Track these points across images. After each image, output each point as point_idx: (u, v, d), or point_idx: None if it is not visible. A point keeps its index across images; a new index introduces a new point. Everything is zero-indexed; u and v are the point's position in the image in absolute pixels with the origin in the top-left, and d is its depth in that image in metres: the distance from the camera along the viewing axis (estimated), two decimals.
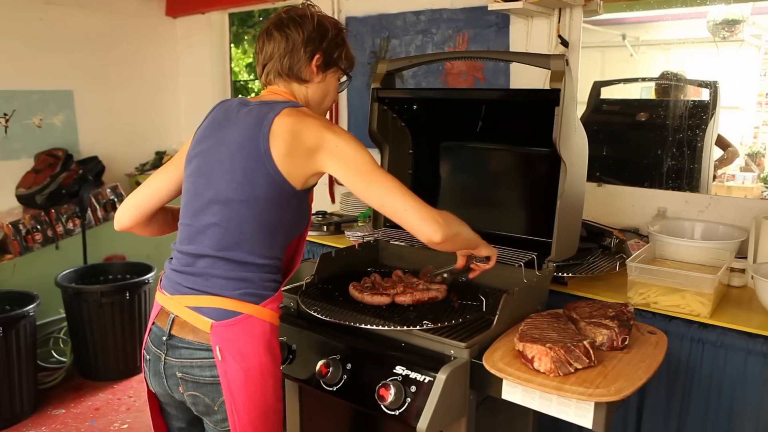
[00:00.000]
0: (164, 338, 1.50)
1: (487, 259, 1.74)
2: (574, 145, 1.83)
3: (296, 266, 1.63)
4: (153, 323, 1.57)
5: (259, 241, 1.47)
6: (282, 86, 1.60)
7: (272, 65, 1.58)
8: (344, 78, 1.69)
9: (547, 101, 1.76)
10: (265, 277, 1.50)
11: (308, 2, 1.63)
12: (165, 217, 1.72)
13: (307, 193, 1.54)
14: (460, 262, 1.76)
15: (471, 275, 1.81)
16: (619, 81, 2.91)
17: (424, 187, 2.35)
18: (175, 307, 1.49)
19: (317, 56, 1.57)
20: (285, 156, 1.43)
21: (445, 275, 1.87)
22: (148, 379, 1.59)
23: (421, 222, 1.47)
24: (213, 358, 1.44)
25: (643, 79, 2.82)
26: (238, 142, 1.46)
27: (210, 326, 1.44)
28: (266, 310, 1.48)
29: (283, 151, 1.43)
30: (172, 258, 1.58)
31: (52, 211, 3.70)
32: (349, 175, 1.47)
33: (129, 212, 1.64)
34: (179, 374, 1.49)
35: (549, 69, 1.77)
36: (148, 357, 1.57)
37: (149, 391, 1.64)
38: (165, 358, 1.51)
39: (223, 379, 1.44)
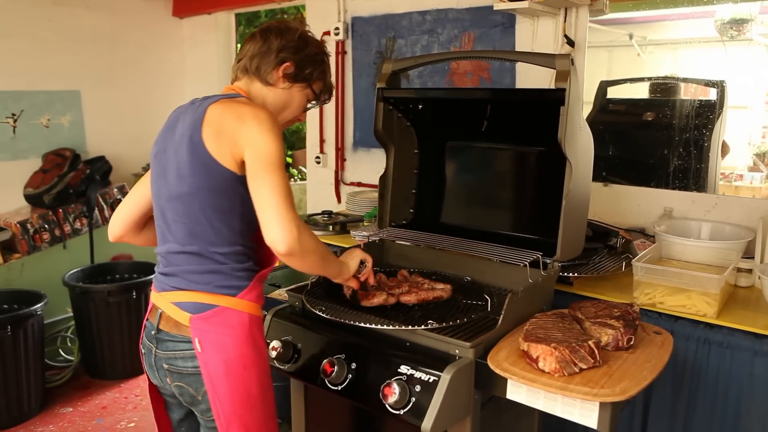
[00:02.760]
0: (153, 332, 1.60)
1: (363, 266, 1.78)
2: (580, 144, 1.83)
3: (267, 253, 1.60)
4: (147, 319, 1.67)
5: (218, 231, 1.50)
6: (242, 83, 1.63)
7: (243, 63, 1.63)
8: (312, 102, 1.71)
9: (553, 101, 1.75)
10: (235, 266, 1.54)
11: (302, 20, 1.67)
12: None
13: None
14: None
15: (361, 278, 1.79)
16: (625, 81, 2.90)
17: (430, 186, 2.36)
18: (162, 303, 1.58)
19: (287, 64, 1.60)
20: (214, 142, 1.46)
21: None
22: (147, 371, 1.68)
23: (275, 225, 1.39)
24: (192, 350, 1.52)
25: (649, 79, 2.81)
26: (181, 136, 1.52)
27: (189, 320, 1.52)
28: (243, 302, 1.53)
29: (212, 138, 1.46)
30: (158, 258, 1.65)
31: (60, 210, 3.72)
32: (249, 164, 1.44)
33: (118, 223, 1.73)
34: (166, 366, 1.58)
35: (554, 68, 1.77)
36: (143, 351, 1.67)
37: (150, 384, 1.71)
38: (155, 351, 1.60)
39: (204, 370, 1.51)
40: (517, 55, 2.69)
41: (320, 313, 1.72)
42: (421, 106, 2.23)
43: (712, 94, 2.64)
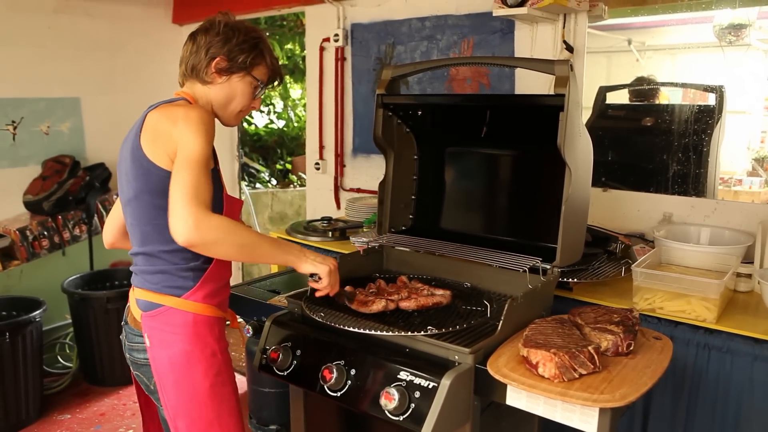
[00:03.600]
0: (123, 324, 1.75)
1: (316, 277, 1.67)
2: (579, 150, 1.83)
3: None
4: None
5: (162, 231, 1.52)
6: (186, 88, 1.69)
7: (182, 67, 1.69)
8: (259, 89, 1.72)
9: (552, 107, 1.76)
10: (182, 266, 1.60)
11: (226, 12, 1.69)
12: None
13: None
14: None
15: (316, 294, 1.74)
16: (624, 86, 2.90)
17: (429, 192, 2.36)
18: (131, 299, 1.71)
19: (217, 59, 1.63)
20: (151, 146, 1.53)
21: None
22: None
23: (173, 218, 1.41)
24: (144, 343, 1.63)
25: (648, 84, 2.81)
26: (128, 144, 1.60)
27: (141, 316, 1.63)
28: (188, 302, 1.60)
29: (149, 142, 1.54)
30: None
31: (59, 217, 3.72)
32: (177, 160, 1.50)
33: (108, 231, 1.86)
34: (128, 356, 1.72)
35: (553, 74, 1.77)
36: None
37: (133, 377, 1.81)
38: (124, 341, 1.74)
39: (152, 363, 1.62)
40: (516, 61, 2.69)
41: (319, 320, 1.72)
42: (420, 113, 2.23)
43: (710, 99, 2.64)
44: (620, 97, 2.91)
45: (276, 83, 1.79)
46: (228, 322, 1.76)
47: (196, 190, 1.44)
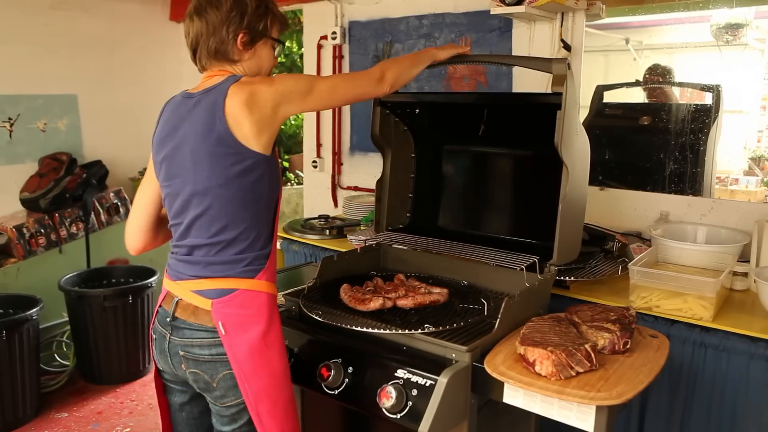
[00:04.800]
0: (168, 319, 1.61)
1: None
2: (576, 148, 1.83)
3: (276, 232, 1.65)
4: (160, 306, 1.67)
5: (245, 218, 1.54)
6: (217, 68, 1.61)
7: (201, 50, 1.60)
8: (278, 46, 1.70)
9: (549, 105, 1.76)
10: (257, 254, 1.58)
11: None
12: (165, 221, 1.75)
13: (274, 154, 1.59)
14: None
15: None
16: (621, 85, 2.91)
17: (427, 190, 2.36)
18: (180, 291, 1.60)
19: (241, 35, 1.57)
20: (253, 129, 1.49)
21: None
22: (156, 357, 1.70)
23: (373, 82, 1.71)
24: (211, 338, 1.55)
25: (645, 83, 2.81)
26: (196, 134, 1.52)
27: (211, 305, 1.54)
28: (262, 282, 1.58)
29: (248, 126, 1.48)
30: (173, 250, 1.66)
31: (56, 215, 3.71)
32: (302, 93, 1.56)
33: (136, 237, 1.75)
34: (181, 353, 1.60)
35: (551, 73, 1.77)
36: (154, 336, 1.68)
37: (156, 371, 1.74)
38: (169, 338, 1.62)
39: (230, 353, 1.54)
40: (513, 59, 2.69)
41: (317, 318, 1.72)
42: (417, 111, 2.23)
43: (707, 99, 2.65)
44: (617, 96, 2.92)
45: (284, 31, 1.76)
46: None
47: (350, 74, 1.55)
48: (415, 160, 2.34)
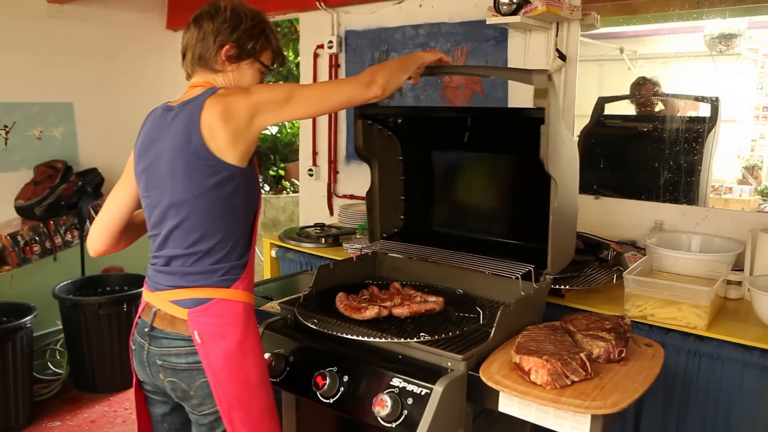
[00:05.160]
0: (146, 329, 1.63)
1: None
2: (564, 159, 1.81)
3: (254, 242, 1.67)
4: (139, 317, 1.69)
5: (221, 229, 1.56)
6: (200, 78, 1.65)
7: (188, 55, 1.65)
8: (266, 71, 1.71)
9: (533, 119, 1.74)
10: (233, 264, 1.59)
11: None
12: (130, 227, 1.79)
13: (252, 166, 1.59)
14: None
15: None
16: (623, 97, 2.91)
17: (418, 191, 2.35)
18: (158, 301, 1.62)
19: (227, 47, 1.60)
20: (228, 141, 1.50)
21: None
22: (136, 368, 1.71)
23: (361, 87, 1.67)
24: (188, 346, 1.57)
25: (633, 95, 2.82)
26: (174, 147, 1.54)
27: (187, 314, 1.56)
28: (238, 291, 1.59)
29: (223, 139, 1.50)
30: (152, 261, 1.68)
31: (51, 222, 3.70)
32: (280, 102, 1.55)
33: (100, 238, 1.75)
34: (159, 362, 1.61)
35: (532, 85, 1.75)
36: (134, 347, 1.70)
37: (135, 381, 1.75)
38: (147, 348, 1.63)
39: (205, 361, 1.55)
40: (493, 70, 2.70)
41: (312, 326, 1.72)
42: (400, 120, 2.23)
43: (703, 110, 2.66)
44: (617, 108, 2.93)
45: (278, 66, 1.78)
46: None
47: (335, 81, 1.53)
48: (403, 163, 2.32)
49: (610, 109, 2.91)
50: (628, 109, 2.90)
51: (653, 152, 2.70)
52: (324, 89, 1.70)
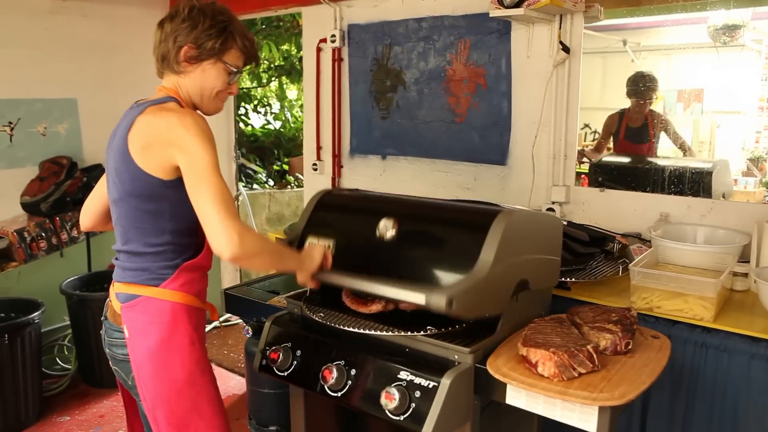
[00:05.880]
0: (102, 320, 1.76)
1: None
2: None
3: (201, 246, 1.66)
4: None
5: (146, 232, 1.59)
6: (168, 80, 1.66)
7: (155, 58, 1.67)
8: (234, 71, 1.66)
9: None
10: (161, 265, 1.61)
11: None
12: None
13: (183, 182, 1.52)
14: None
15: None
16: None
17: None
18: (111, 292, 1.71)
19: (185, 48, 1.59)
20: (142, 151, 1.52)
21: None
22: None
23: (216, 236, 1.45)
24: (123, 339, 1.63)
25: (633, 90, 2.81)
26: (115, 145, 1.59)
27: (120, 308, 1.64)
28: (166, 291, 1.61)
29: (139, 147, 1.52)
30: None
31: (57, 218, 3.72)
32: (185, 173, 1.50)
33: (86, 215, 1.87)
34: (107, 350, 1.73)
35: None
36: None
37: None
38: (104, 336, 1.75)
39: (131, 355, 1.62)
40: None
41: (319, 320, 1.73)
42: None
43: (705, 100, 2.66)
44: (616, 101, 2.93)
45: (252, 65, 1.75)
46: (208, 313, 1.76)
47: (225, 201, 1.46)
48: None
49: (616, 100, 2.90)
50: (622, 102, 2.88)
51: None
52: (213, 196, 1.46)
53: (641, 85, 2.77)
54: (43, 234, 3.65)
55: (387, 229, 1.74)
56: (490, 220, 1.60)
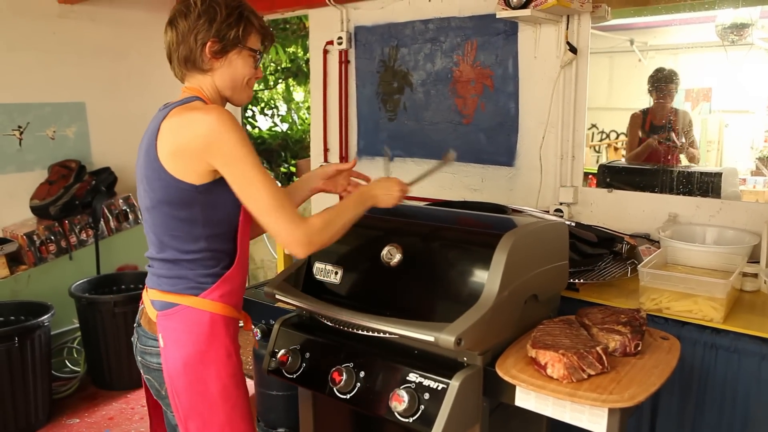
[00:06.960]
0: (135, 325, 1.71)
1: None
2: None
3: (244, 253, 1.62)
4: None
5: (180, 240, 1.54)
6: (191, 81, 1.60)
7: (173, 60, 1.59)
8: (257, 56, 1.61)
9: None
10: (200, 273, 1.56)
11: None
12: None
13: (215, 185, 1.50)
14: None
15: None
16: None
17: None
18: (146, 299, 1.66)
19: (209, 43, 1.52)
20: (172, 156, 1.47)
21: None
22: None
23: (284, 243, 1.49)
24: (158, 347, 1.58)
25: (653, 87, 2.80)
26: (143, 152, 1.54)
27: (156, 316, 1.58)
28: (206, 301, 1.56)
29: (168, 153, 1.47)
30: None
31: (66, 222, 3.74)
32: (225, 172, 1.46)
33: None
34: (139, 358, 1.68)
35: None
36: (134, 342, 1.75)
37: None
38: (136, 343, 1.70)
39: (164, 365, 1.57)
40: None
41: (327, 322, 1.73)
42: None
43: (713, 99, 2.65)
44: (626, 101, 2.91)
45: (267, 46, 1.68)
46: (241, 324, 1.71)
47: (279, 201, 1.45)
48: None
49: (623, 100, 2.89)
50: (636, 101, 2.87)
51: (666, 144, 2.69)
52: (270, 201, 1.46)
53: (663, 82, 2.75)
54: (53, 237, 3.67)
55: (391, 257, 1.74)
56: (494, 242, 1.59)
